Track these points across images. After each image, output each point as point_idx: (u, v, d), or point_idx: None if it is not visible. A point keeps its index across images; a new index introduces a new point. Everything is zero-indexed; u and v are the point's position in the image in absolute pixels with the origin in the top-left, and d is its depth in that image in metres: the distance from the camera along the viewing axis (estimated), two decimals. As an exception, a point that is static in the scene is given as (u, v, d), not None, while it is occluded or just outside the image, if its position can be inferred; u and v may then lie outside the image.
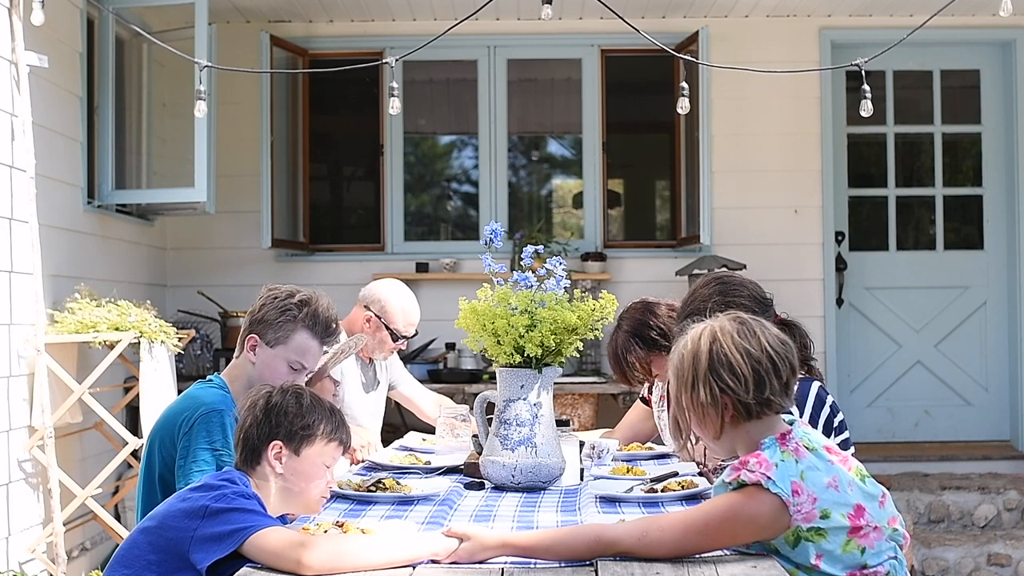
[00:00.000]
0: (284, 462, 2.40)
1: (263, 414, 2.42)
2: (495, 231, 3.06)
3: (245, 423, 2.44)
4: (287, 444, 2.41)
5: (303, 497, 2.44)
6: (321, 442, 2.43)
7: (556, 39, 6.90)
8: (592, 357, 6.41)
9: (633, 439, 3.84)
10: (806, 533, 2.17)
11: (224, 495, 2.24)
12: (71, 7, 5.21)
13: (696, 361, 2.27)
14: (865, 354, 6.93)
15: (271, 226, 6.49)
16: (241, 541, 2.14)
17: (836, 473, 2.22)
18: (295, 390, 2.49)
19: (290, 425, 2.41)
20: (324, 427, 2.44)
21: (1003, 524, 6.06)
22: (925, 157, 7.14)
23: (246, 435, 2.43)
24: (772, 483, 2.15)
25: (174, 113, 6.15)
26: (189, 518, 2.21)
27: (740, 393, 2.23)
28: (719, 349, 2.25)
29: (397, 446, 3.95)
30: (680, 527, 2.19)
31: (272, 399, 2.44)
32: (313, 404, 2.46)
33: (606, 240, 6.94)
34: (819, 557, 2.18)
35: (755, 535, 2.18)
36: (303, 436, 2.42)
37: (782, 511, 2.15)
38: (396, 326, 4.15)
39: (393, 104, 3.78)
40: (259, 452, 2.41)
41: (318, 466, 2.44)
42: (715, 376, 2.24)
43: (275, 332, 3.01)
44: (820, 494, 2.17)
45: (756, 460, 2.19)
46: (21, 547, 4.49)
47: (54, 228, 4.90)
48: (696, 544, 2.18)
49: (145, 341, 4.75)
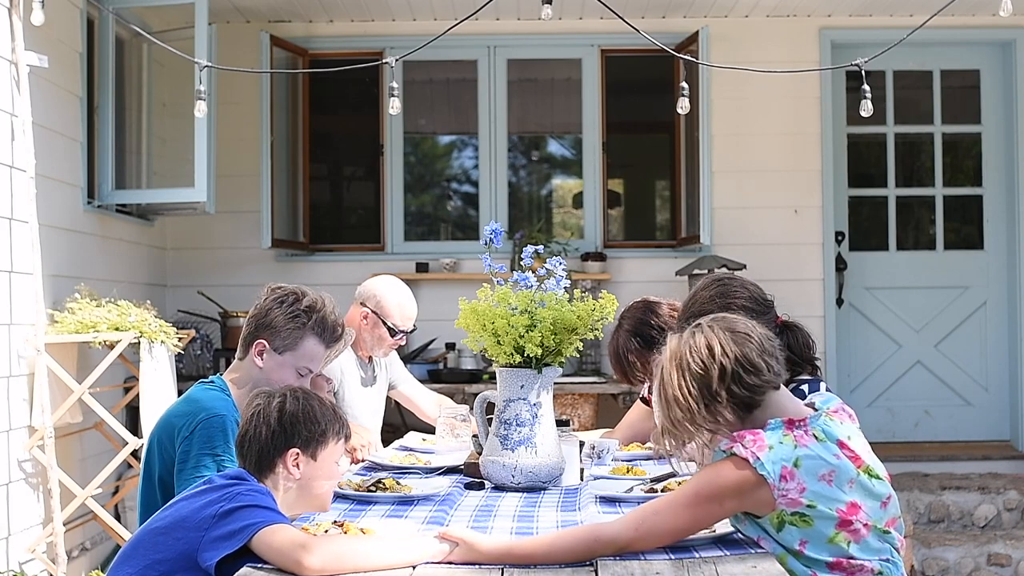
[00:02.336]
0: (302, 468, 2.42)
1: (278, 423, 2.42)
2: (495, 231, 3.06)
3: (257, 432, 2.43)
4: (304, 451, 2.42)
5: (319, 497, 2.47)
6: (333, 442, 2.46)
7: (556, 39, 6.90)
8: (592, 357, 6.41)
9: (633, 439, 3.84)
10: (790, 518, 2.19)
11: (234, 493, 2.24)
12: (71, 7, 5.21)
13: (664, 387, 2.30)
14: (865, 354, 6.93)
15: (271, 226, 6.49)
16: (249, 537, 2.14)
17: (837, 468, 2.22)
18: (303, 395, 2.49)
19: (308, 432, 2.43)
20: (334, 428, 2.47)
21: (1003, 524, 6.06)
22: (925, 157, 7.14)
23: (261, 445, 2.42)
24: (760, 464, 2.17)
25: (174, 113, 6.15)
26: (200, 527, 2.21)
27: (708, 405, 2.25)
28: (676, 373, 2.28)
29: (397, 446, 3.95)
30: (673, 505, 2.21)
31: (286, 407, 2.44)
32: (322, 407, 2.48)
33: (606, 240, 6.94)
34: (803, 543, 2.19)
35: (739, 503, 2.20)
36: (319, 441, 2.44)
37: (765, 490, 2.17)
38: (393, 321, 4.15)
39: (393, 104, 3.78)
40: (274, 460, 2.41)
41: (331, 465, 2.47)
42: (681, 399, 2.26)
43: (283, 339, 2.99)
44: (811, 485, 2.19)
45: (752, 437, 2.21)
46: (21, 547, 4.49)
47: (54, 228, 4.90)
48: (690, 518, 2.20)
49: (145, 341, 4.75)
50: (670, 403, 2.29)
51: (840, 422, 2.32)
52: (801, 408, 2.33)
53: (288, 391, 2.49)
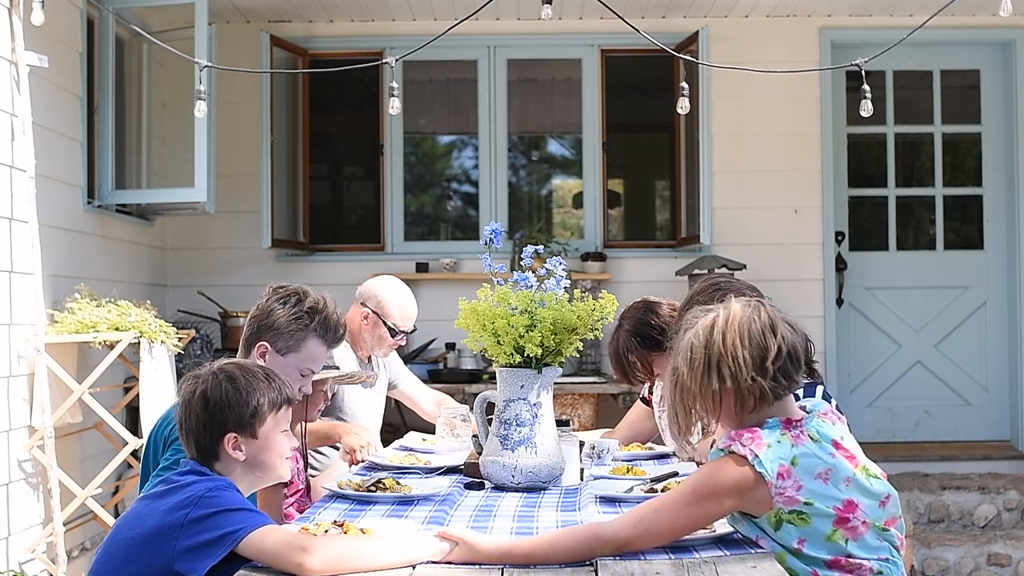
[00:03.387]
0: (244, 449, 2.37)
1: (204, 411, 2.36)
2: (495, 231, 3.06)
3: (189, 422, 2.37)
4: (241, 433, 2.36)
5: (271, 471, 2.43)
6: (271, 415, 2.40)
7: (556, 39, 6.90)
8: (592, 357, 6.40)
9: (633, 439, 3.84)
10: (787, 516, 2.19)
11: (198, 497, 2.20)
12: (71, 7, 5.21)
13: (710, 348, 2.27)
14: (865, 354, 6.93)
15: (271, 226, 6.49)
16: (235, 543, 2.13)
17: (833, 467, 2.22)
18: (225, 374, 2.40)
19: (237, 414, 2.36)
20: (268, 400, 2.39)
21: (1003, 524, 6.06)
22: (925, 157, 7.14)
23: (196, 435, 2.36)
24: (759, 462, 2.18)
25: (174, 113, 6.15)
26: (170, 536, 2.17)
27: (755, 378, 2.24)
28: (733, 335, 2.26)
29: (397, 446, 3.95)
30: (671, 503, 2.22)
31: (209, 394, 2.36)
32: (249, 381, 2.39)
33: (606, 240, 6.94)
34: (801, 542, 2.20)
35: (738, 502, 2.20)
36: (253, 420, 2.37)
37: (763, 488, 2.18)
38: (394, 321, 4.15)
39: (393, 104, 3.78)
40: (214, 448, 2.36)
41: (277, 437, 2.41)
42: (730, 362, 2.24)
43: (286, 340, 2.98)
44: (807, 483, 2.19)
45: (750, 435, 2.22)
46: (21, 547, 4.49)
47: (54, 228, 4.90)
48: (689, 516, 2.20)
49: (145, 341, 4.75)
50: (713, 366, 2.25)
51: (832, 423, 2.33)
52: (797, 409, 2.34)
53: (211, 375, 2.40)
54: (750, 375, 2.23)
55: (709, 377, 2.26)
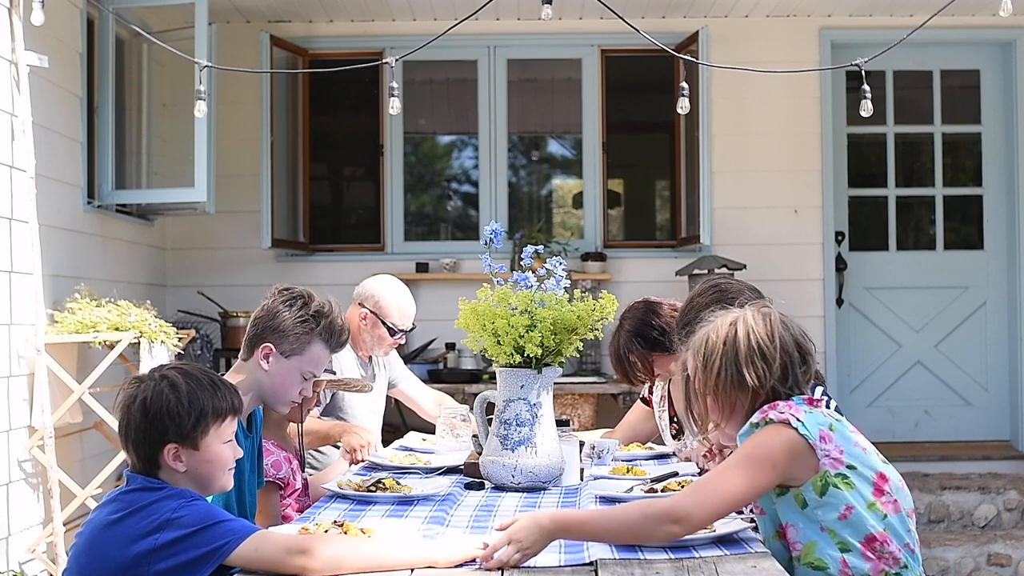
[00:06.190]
0: (185, 460, 2.26)
1: (143, 420, 2.24)
2: (495, 231, 3.06)
3: (128, 429, 2.26)
4: (182, 444, 2.25)
5: (212, 483, 2.32)
6: (214, 427, 2.29)
7: (556, 39, 6.90)
8: (592, 357, 6.40)
9: (633, 439, 3.84)
10: (834, 479, 2.22)
11: (168, 522, 2.11)
12: (71, 7, 5.21)
13: (728, 349, 2.33)
14: (865, 354, 6.93)
15: (271, 226, 6.49)
16: (222, 558, 2.09)
17: (858, 441, 2.30)
18: (168, 381, 2.27)
19: (178, 425, 2.24)
20: (211, 409, 2.28)
21: (1003, 524, 6.05)
22: (925, 157, 7.14)
23: (136, 443, 2.25)
24: (801, 424, 2.22)
25: (174, 113, 6.15)
26: (135, 567, 2.10)
27: (771, 379, 2.30)
28: (753, 337, 2.32)
29: (397, 446, 3.95)
30: (724, 472, 2.22)
31: (149, 402, 2.24)
32: (192, 389, 2.27)
33: (606, 240, 6.94)
34: (849, 508, 2.21)
35: (787, 466, 2.21)
36: (195, 431, 2.26)
37: (808, 450, 2.21)
38: (392, 320, 4.15)
39: (393, 104, 3.78)
40: (155, 457, 2.25)
41: (219, 449, 2.30)
42: (749, 363, 2.30)
43: (291, 344, 2.96)
44: (848, 448, 2.25)
45: (785, 404, 2.27)
46: (21, 547, 4.49)
47: (54, 228, 4.90)
48: (744, 483, 2.20)
49: (145, 341, 4.75)
50: (747, 358, 2.30)
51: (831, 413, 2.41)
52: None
53: (151, 380, 2.29)
54: (772, 380, 2.30)
55: (729, 380, 2.32)
